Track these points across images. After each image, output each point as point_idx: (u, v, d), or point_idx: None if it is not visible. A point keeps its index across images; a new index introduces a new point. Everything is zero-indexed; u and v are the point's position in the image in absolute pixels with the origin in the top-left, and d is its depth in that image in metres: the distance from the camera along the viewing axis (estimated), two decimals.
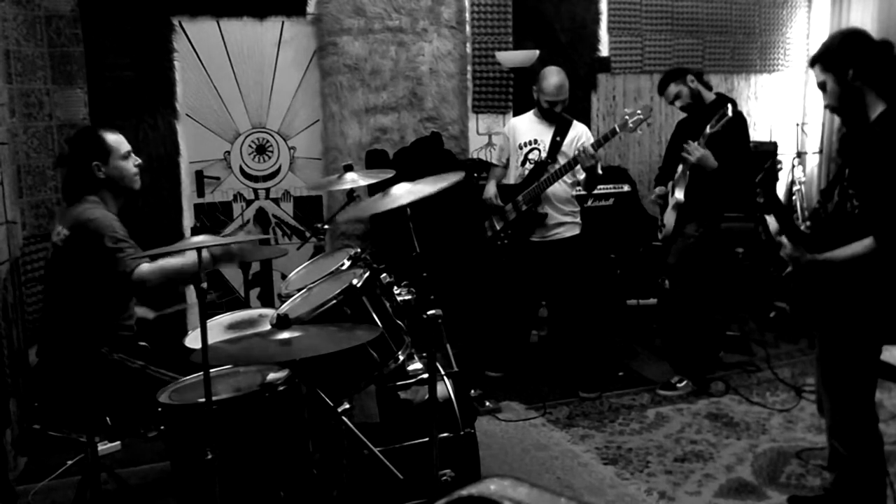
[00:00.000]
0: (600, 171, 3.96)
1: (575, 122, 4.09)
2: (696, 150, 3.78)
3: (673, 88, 4.01)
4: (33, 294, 3.97)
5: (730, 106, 3.70)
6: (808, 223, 2.65)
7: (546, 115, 4.06)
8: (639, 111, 3.83)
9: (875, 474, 2.63)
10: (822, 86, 2.54)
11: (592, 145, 3.83)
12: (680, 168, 3.99)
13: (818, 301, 2.59)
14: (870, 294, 2.45)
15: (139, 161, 2.93)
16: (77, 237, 2.73)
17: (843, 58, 2.46)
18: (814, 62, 2.55)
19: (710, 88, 4.11)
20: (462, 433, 2.65)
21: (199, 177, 4.73)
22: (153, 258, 2.70)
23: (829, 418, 2.69)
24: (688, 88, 3.98)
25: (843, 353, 2.57)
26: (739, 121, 3.86)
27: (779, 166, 5.54)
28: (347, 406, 2.41)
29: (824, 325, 2.64)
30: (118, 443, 3.56)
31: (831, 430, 2.69)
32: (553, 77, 4.00)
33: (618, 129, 3.84)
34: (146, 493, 3.10)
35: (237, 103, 4.76)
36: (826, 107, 2.62)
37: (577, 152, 3.83)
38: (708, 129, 3.74)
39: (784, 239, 2.59)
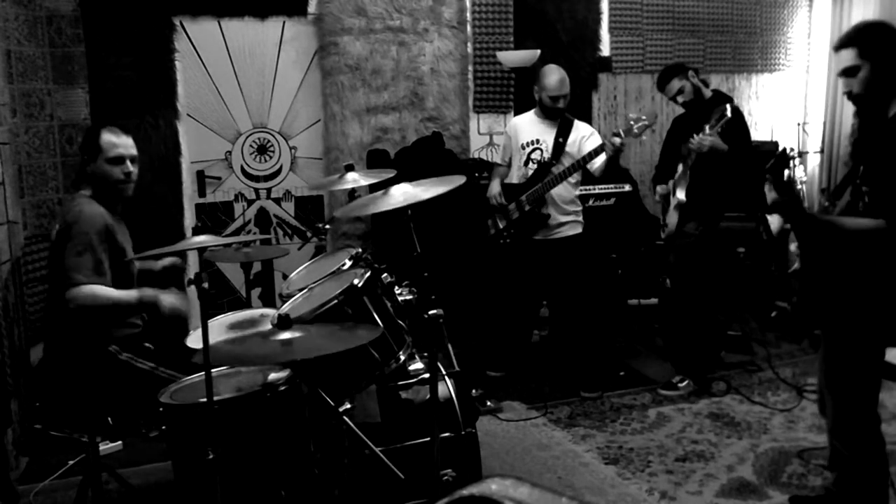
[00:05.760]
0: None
1: (577, 122, 4.09)
2: (705, 140, 3.70)
3: (676, 84, 3.98)
4: (34, 294, 3.98)
5: (728, 106, 3.66)
6: None
7: (548, 114, 4.06)
8: (644, 117, 3.77)
9: (877, 475, 2.63)
10: (850, 71, 2.43)
11: (617, 134, 3.72)
12: (680, 168, 3.98)
13: (824, 300, 2.58)
14: (876, 294, 2.44)
15: (130, 170, 2.88)
16: (60, 236, 2.78)
17: (887, 48, 2.39)
18: (847, 45, 2.43)
19: (707, 86, 4.10)
20: (463, 433, 2.66)
21: (201, 177, 4.74)
22: (101, 282, 2.73)
23: (831, 418, 2.68)
24: (690, 84, 3.97)
25: (848, 354, 2.56)
26: (738, 117, 3.84)
27: (790, 152, 5.43)
28: (349, 406, 2.41)
29: (830, 325, 2.63)
30: (119, 443, 3.56)
31: (834, 430, 2.68)
32: (554, 73, 4.01)
33: (623, 135, 3.80)
34: (147, 493, 3.10)
35: (238, 103, 4.76)
36: (847, 93, 2.49)
37: (607, 143, 3.74)
38: (708, 130, 3.73)
39: (773, 190, 2.51)
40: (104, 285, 2.75)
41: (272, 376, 2.41)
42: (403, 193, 2.46)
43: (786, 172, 2.44)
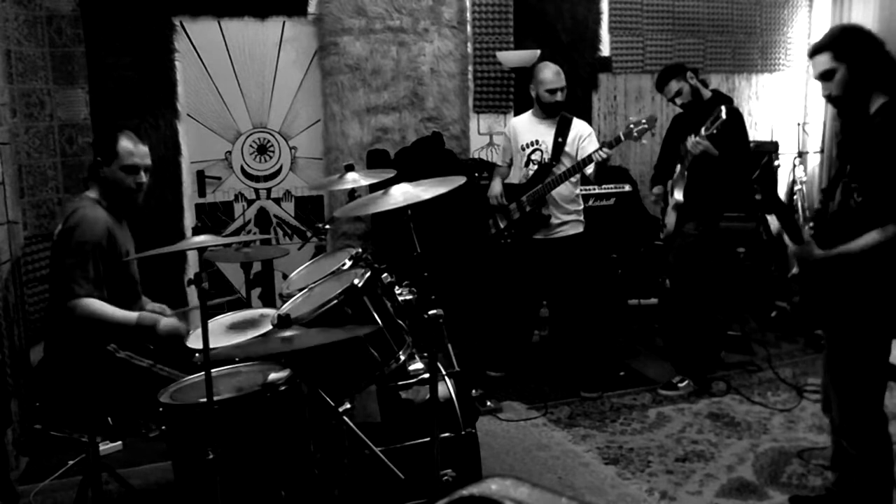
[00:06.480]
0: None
1: (574, 120, 4.09)
2: (699, 144, 3.74)
3: (674, 85, 3.99)
4: (34, 294, 3.98)
5: (723, 108, 3.67)
6: (811, 224, 2.63)
7: (547, 110, 4.06)
8: (644, 121, 3.79)
9: (882, 475, 2.62)
10: (828, 74, 2.48)
11: (608, 144, 3.79)
12: (678, 168, 3.99)
13: (827, 300, 2.57)
14: (879, 292, 2.44)
15: (143, 180, 2.91)
16: (61, 239, 2.78)
17: (860, 48, 2.43)
18: (822, 50, 2.48)
19: (706, 86, 4.10)
20: (463, 433, 2.66)
21: (201, 177, 4.73)
22: (99, 296, 2.73)
23: (838, 418, 2.67)
24: (689, 85, 3.97)
25: (852, 353, 2.55)
26: (735, 117, 3.83)
27: (776, 163, 5.49)
28: (348, 406, 2.41)
29: (833, 325, 2.63)
30: (119, 443, 3.56)
31: (840, 429, 2.67)
32: (548, 67, 4.05)
33: (622, 138, 3.81)
34: (147, 493, 3.10)
35: (238, 103, 4.76)
36: (826, 96, 2.54)
37: (594, 156, 3.81)
38: (703, 132, 3.73)
39: (787, 240, 2.58)
40: (102, 299, 2.77)
41: (272, 376, 2.41)
42: (403, 193, 2.46)
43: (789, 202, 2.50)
